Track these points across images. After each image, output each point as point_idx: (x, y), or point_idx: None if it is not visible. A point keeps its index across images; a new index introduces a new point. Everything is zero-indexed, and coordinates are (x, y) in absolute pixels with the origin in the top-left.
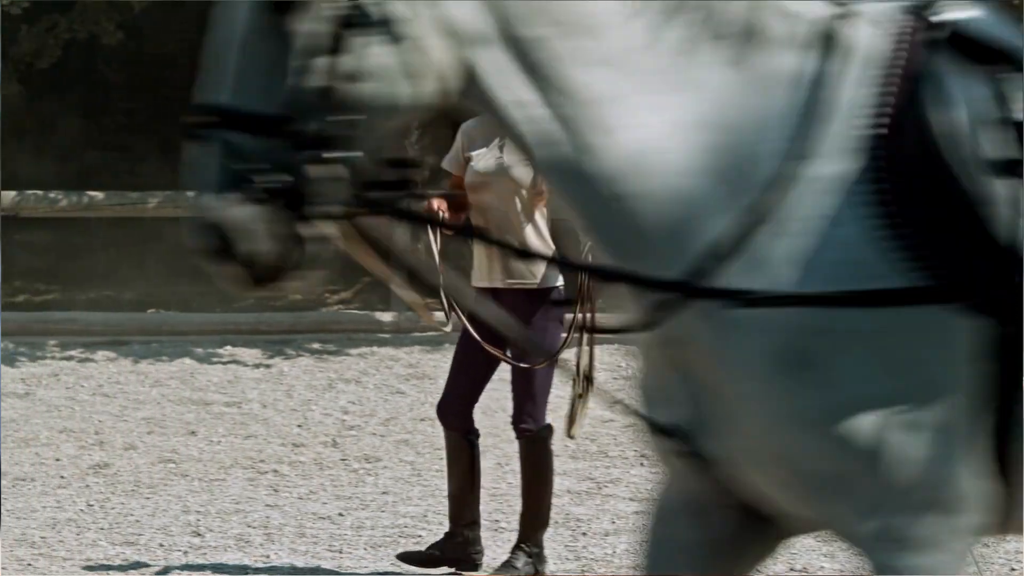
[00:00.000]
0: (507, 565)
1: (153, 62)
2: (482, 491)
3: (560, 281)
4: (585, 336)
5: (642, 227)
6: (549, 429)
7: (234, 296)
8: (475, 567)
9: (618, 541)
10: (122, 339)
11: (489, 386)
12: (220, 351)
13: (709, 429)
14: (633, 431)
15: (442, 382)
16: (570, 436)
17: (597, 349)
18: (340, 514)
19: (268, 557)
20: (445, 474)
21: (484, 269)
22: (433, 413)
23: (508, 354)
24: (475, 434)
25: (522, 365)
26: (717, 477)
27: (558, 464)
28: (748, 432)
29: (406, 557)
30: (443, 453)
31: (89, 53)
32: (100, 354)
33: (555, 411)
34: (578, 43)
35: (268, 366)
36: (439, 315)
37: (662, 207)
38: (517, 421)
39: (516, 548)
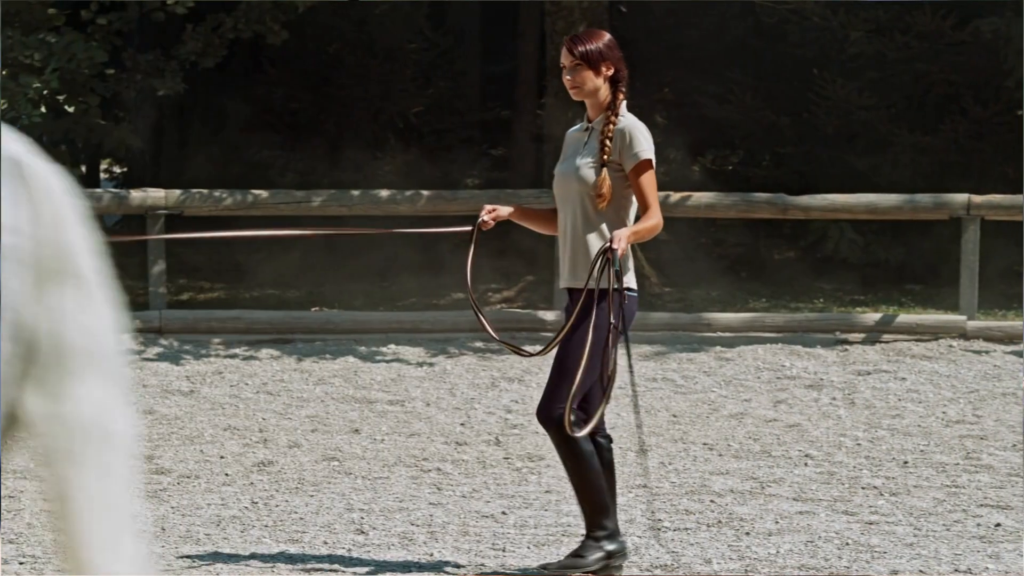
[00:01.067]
0: (574, 556)
1: (317, 61)
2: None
3: (626, 284)
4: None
5: None
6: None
7: (397, 295)
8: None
9: (781, 541)
10: (286, 337)
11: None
12: (384, 349)
13: None
14: (796, 431)
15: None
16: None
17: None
18: (503, 512)
19: (431, 555)
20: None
21: (563, 270)
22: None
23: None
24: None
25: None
26: None
27: (721, 464)
28: None
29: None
30: None
31: (254, 52)
32: (264, 352)
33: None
34: None
35: (431, 364)
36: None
37: None
38: (537, 411)
39: (584, 540)
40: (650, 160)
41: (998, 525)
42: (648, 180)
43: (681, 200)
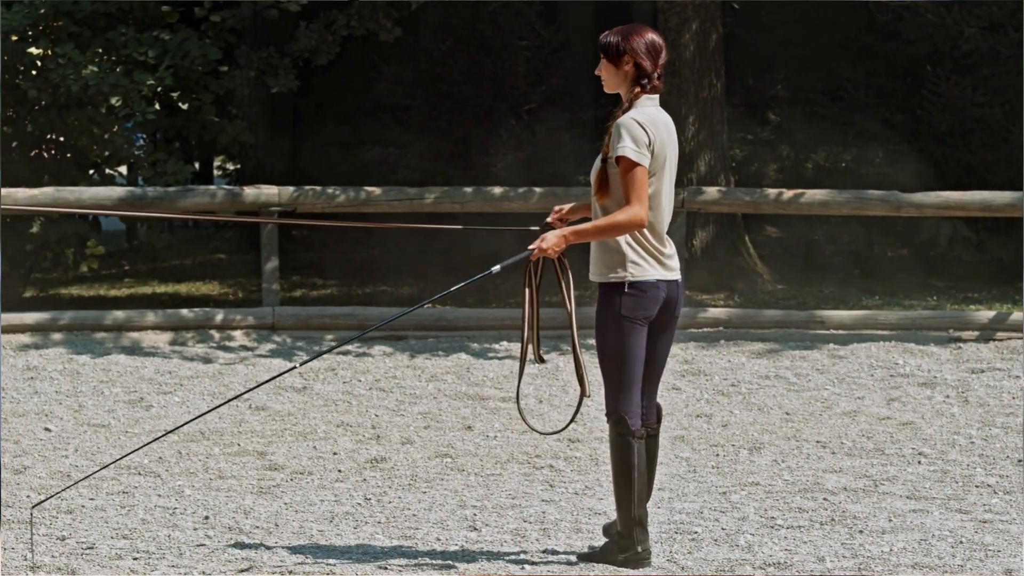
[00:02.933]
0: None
1: (429, 59)
2: None
3: (629, 275)
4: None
5: None
6: (617, 417)
7: (510, 291)
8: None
9: (895, 539)
10: (399, 334)
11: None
12: (496, 346)
13: None
14: (910, 429)
15: (718, 379)
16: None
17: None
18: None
19: (545, 551)
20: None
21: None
22: (708, 410)
23: None
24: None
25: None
26: None
27: (834, 461)
28: None
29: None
30: (719, 450)
31: (367, 50)
32: (377, 349)
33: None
34: None
35: (544, 362)
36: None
37: None
38: None
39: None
40: (627, 157)
41: None
42: (626, 176)
43: (794, 197)
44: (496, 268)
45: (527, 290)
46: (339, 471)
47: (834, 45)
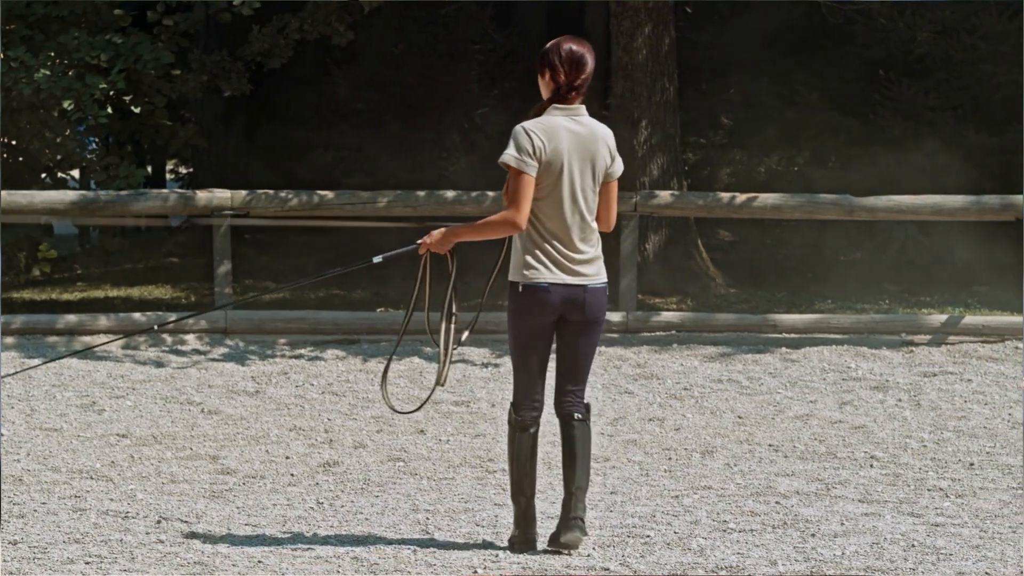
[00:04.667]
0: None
1: (383, 62)
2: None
3: (522, 278)
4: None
5: None
6: (510, 407)
7: (464, 296)
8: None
9: (847, 543)
10: (352, 338)
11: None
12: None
13: None
14: (862, 432)
15: (671, 382)
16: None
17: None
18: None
19: (497, 556)
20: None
21: None
22: (660, 413)
23: None
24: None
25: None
26: None
27: (787, 465)
28: None
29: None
30: (671, 453)
31: (320, 53)
32: (330, 353)
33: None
34: None
35: (496, 365)
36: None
37: None
38: None
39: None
40: (507, 163)
41: None
42: (508, 181)
43: (747, 201)
44: (378, 258)
45: (417, 284)
46: (291, 475)
47: (787, 49)
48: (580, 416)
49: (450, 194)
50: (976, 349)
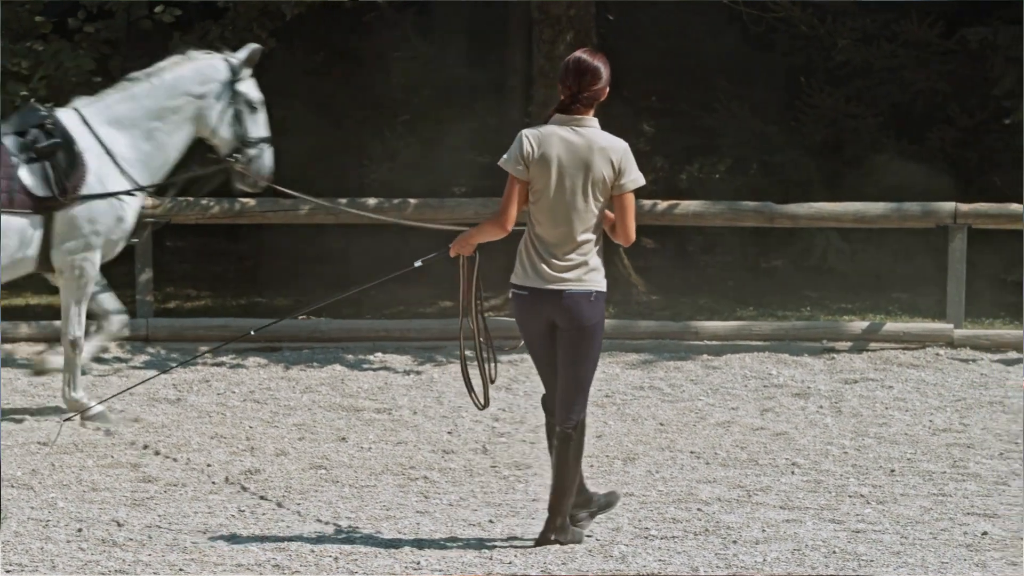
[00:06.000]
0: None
1: (304, 69)
2: None
3: (512, 281)
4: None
5: None
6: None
7: (385, 303)
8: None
9: (768, 549)
10: (274, 345)
11: None
12: (371, 357)
13: None
14: (784, 439)
15: (592, 389)
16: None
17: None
18: (490, 521)
19: (418, 564)
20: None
21: None
22: (587, 420)
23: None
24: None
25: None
26: None
27: (708, 472)
28: None
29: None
30: (592, 460)
31: None
32: (251, 360)
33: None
34: None
35: (418, 372)
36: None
37: None
38: None
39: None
40: (502, 166)
41: (985, 533)
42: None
43: (668, 208)
44: (418, 262)
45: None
46: (213, 483)
47: (709, 56)
48: (562, 431)
49: (372, 201)
50: (897, 356)
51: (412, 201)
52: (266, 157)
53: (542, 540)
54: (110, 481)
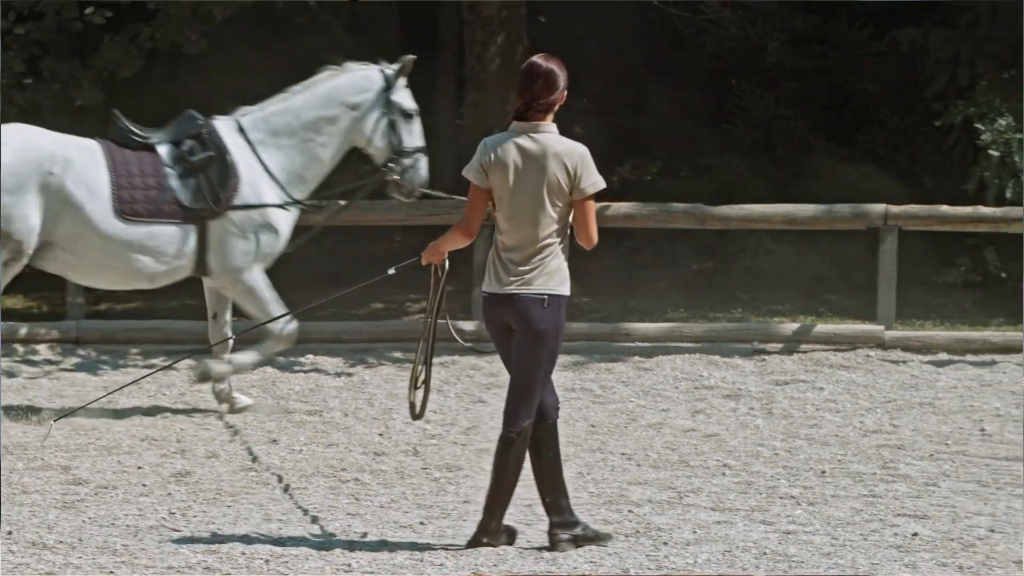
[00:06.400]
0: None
1: (236, 71)
2: None
3: (487, 288)
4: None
5: None
6: None
7: (316, 305)
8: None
9: (699, 550)
10: (205, 347)
11: None
12: (302, 360)
13: None
14: (714, 441)
15: None
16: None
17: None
18: (421, 523)
19: (349, 566)
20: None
21: None
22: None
23: None
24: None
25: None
26: None
27: (639, 474)
28: None
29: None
30: (524, 462)
31: (172, 62)
32: (183, 363)
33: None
34: None
35: (350, 375)
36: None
37: None
38: None
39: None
40: (464, 175)
41: (915, 534)
42: None
43: (600, 210)
44: (392, 270)
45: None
46: (144, 485)
47: (640, 58)
48: (505, 434)
49: None
50: (828, 357)
51: (341, 202)
52: (421, 167)
53: (473, 542)
54: (40, 483)
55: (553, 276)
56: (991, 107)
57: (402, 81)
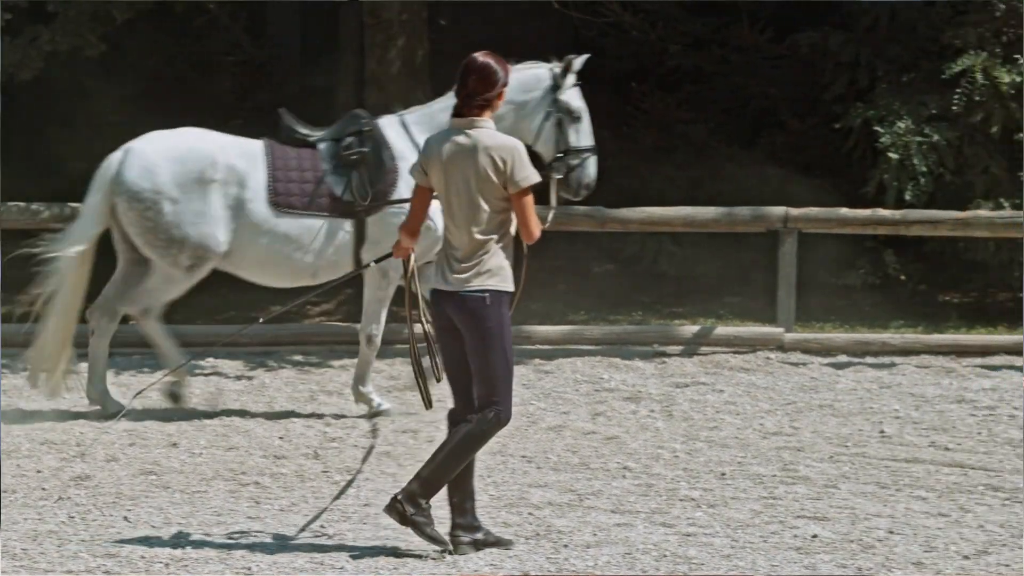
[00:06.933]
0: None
1: (137, 74)
2: None
3: (435, 285)
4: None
5: None
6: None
7: (216, 307)
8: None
9: (599, 553)
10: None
11: None
12: (202, 363)
13: None
14: (615, 443)
15: None
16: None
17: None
18: (322, 526)
19: (249, 569)
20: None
21: None
22: (414, 425)
23: None
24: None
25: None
26: None
27: (540, 476)
28: None
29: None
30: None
31: (72, 65)
32: (81, 366)
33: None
34: None
35: (250, 378)
36: None
37: None
38: None
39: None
40: (410, 175)
41: (815, 536)
42: None
43: None
44: (372, 263)
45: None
46: (43, 489)
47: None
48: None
49: None
50: (728, 360)
51: None
52: (588, 166)
53: (392, 509)
54: None
55: (494, 273)
56: (890, 110)
57: (570, 80)
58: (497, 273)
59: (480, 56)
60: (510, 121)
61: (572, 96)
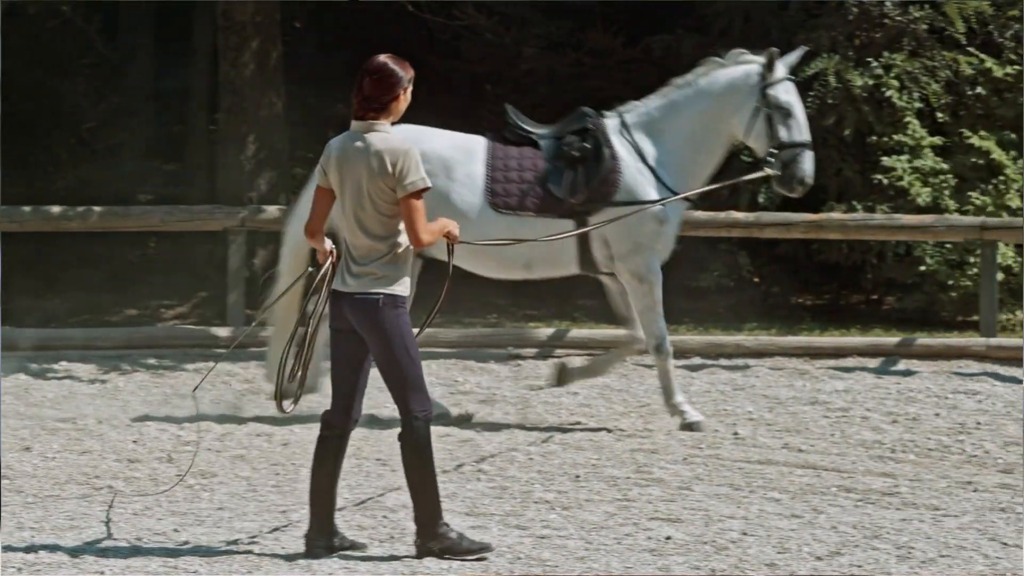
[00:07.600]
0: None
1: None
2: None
3: (334, 286)
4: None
5: None
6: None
7: (70, 311)
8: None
9: (453, 556)
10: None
11: None
12: (55, 366)
13: None
14: (470, 446)
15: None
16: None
17: None
18: (175, 530)
19: (103, 573)
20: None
21: None
22: (269, 429)
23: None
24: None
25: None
26: None
27: (394, 479)
28: None
29: None
30: (279, 468)
31: None
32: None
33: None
34: None
35: (103, 381)
36: None
37: None
38: None
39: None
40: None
41: (668, 538)
42: None
43: None
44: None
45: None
46: None
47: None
48: (402, 426)
49: (56, 209)
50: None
51: (96, 209)
52: (804, 161)
53: (423, 552)
54: None
55: (389, 277)
56: None
57: (779, 74)
58: (392, 276)
59: (378, 59)
60: (722, 117)
61: (781, 91)
